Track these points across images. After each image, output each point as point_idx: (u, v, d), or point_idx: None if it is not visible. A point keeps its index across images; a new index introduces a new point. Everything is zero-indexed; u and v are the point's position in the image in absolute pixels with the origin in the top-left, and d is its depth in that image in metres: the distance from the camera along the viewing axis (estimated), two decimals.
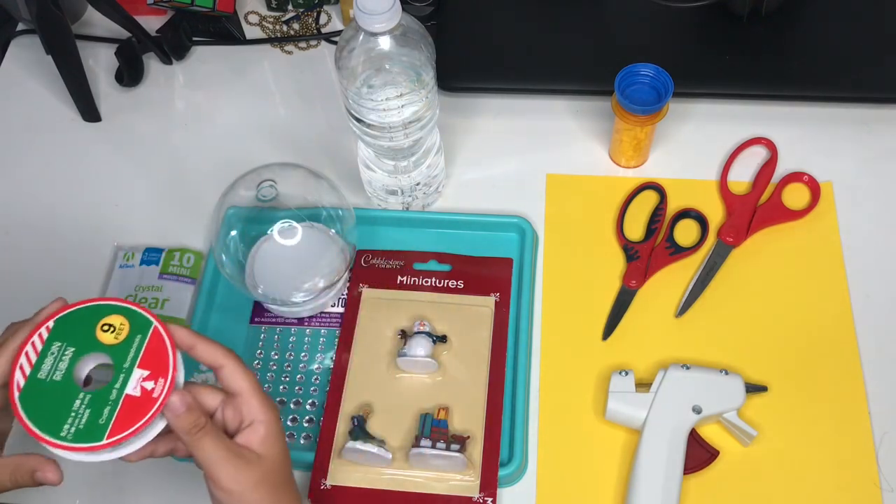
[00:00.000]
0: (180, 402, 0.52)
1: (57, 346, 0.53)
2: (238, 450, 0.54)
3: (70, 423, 0.51)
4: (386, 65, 0.69)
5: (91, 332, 0.53)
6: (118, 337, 0.53)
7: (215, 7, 0.92)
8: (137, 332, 0.53)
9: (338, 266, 0.75)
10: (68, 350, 0.53)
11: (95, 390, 0.52)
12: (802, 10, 0.91)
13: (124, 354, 0.53)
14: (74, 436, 0.51)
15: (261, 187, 0.72)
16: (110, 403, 0.52)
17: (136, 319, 0.54)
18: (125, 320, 0.54)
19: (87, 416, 0.51)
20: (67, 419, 0.51)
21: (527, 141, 0.88)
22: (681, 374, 0.70)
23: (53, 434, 0.51)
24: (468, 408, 0.71)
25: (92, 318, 0.54)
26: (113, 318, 0.54)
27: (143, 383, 0.52)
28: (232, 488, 0.53)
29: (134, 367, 0.53)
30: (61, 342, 0.53)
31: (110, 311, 0.54)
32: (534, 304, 0.77)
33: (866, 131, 0.87)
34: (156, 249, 0.81)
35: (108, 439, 0.51)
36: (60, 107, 0.93)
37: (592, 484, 0.69)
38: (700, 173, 0.85)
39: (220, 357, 0.56)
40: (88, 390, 0.52)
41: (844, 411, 0.71)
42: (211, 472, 0.53)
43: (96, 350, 0.53)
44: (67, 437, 0.51)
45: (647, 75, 0.79)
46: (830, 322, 0.76)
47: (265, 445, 0.55)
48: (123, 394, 0.52)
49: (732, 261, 0.79)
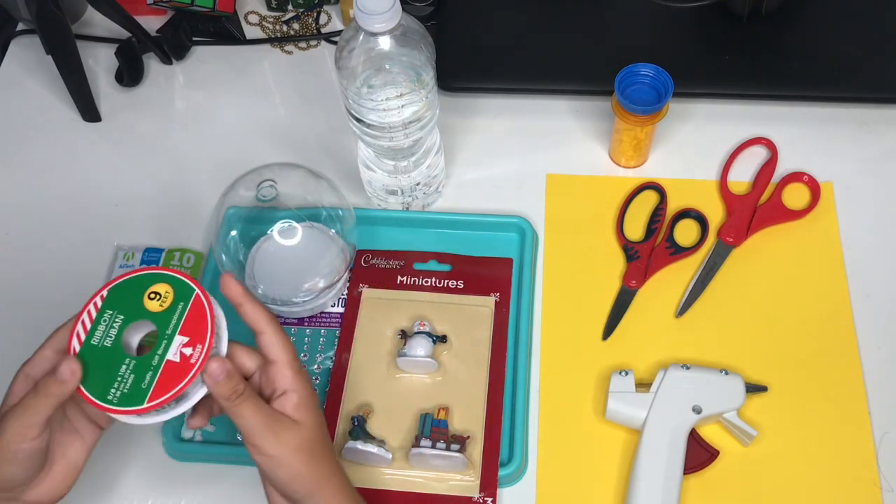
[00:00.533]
0: (220, 370, 0.53)
1: (109, 314, 0.55)
2: (276, 415, 0.55)
3: (116, 388, 0.53)
4: (386, 65, 0.69)
5: (139, 301, 0.55)
6: (163, 305, 0.55)
7: (215, 7, 0.92)
8: (180, 300, 0.55)
9: (338, 266, 0.75)
10: (118, 318, 0.55)
11: (140, 357, 0.54)
12: (802, 10, 0.91)
13: (167, 321, 0.55)
14: (119, 399, 0.53)
15: (261, 187, 0.72)
16: (152, 369, 0.53)
17: (181, 287, 0.55)
18: (170, 288, 0.55)
19: (131, 381, 0.53)
20: (114, 383, 0.53)
21: (527, 141, 0.88)
22: (681, 374, 0.70)
23: (101, 398, 0.53)
24: (468, 408, 0.71)
25: (141, 287, 0.56)
26: (159, 287, 0.55)
27: (182, 349, 0.54)
28: (273, 453, 0.54)
29: (175, 333, 0.54)
30: (112, 310, 0.55)
31: (157, 280, 0.56)
32: (534, 304, 0.77)
33: (866, 131, 0.87)
34: (156, 249, 0.81)
35: (149, 403, 0.53)
36: (60, 107, 0.93)
37: (592, 484, 0.69)
38: (700, 173, 0.85)
39: (263, 322, 0.57)
40: (135, 356, 0.54)
41: (844, 411, 0.71)
42: (252, 438, 0.54)
43: (143, 318, 0.55)
44: (113, 400, 0.53)
45: (647, 75, 0.79)
46: (830, 322, 0.76)
47: (300, 412, 0.56)
48: (164, 359, 0.54)
49: (732, 261, 0.79)
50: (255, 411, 0.54)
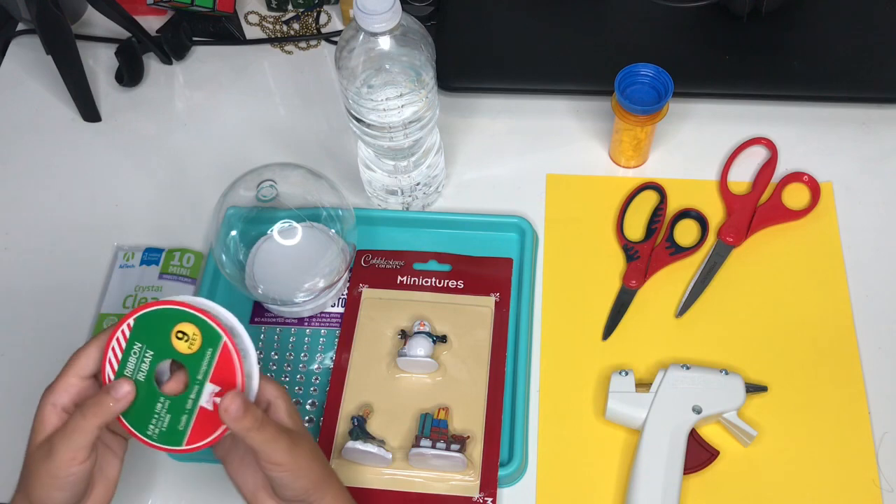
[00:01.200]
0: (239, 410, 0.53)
1: (138, 346, 0.55)
2: (285, 429, 0.55)
3: (154, 424, 0.55)
4: (386, 65, 0.68)
5: (167, 338, 0.55)
6: (192, 347, 0.55)
7: (215, 7, 0.92)
8: (209, 346, 0.55)
9: (338, 266, 0.75)
10: (148, 353, 0.55)
11: (174, 396, 0.55)
12: (802, 10, 0.91)
13: (198, 366, 0.55)
14: (159, 437, 0.55)
15: (261, 187, 0.72)
16: (187, 412, 0.54)
17: (208, 332, 0.55)
18: (197, 331, 0.55)
19: (168, 421, 0.55)
20: (152, 419, 0.55)
21: (527, 141, 0.88)
22: (681, 374, 0.70)
23: (142, 431, 0.55)
24: (468, 408, 0.71)
25: (167, 323, 0.55)
26: (186, 327, 0.55)
27: (214, 398, 0.54)
28: (293, 465, 0.55)
29: (206, 380, 0.54)
30: (141, 343, 0.55)
31: (184, 319, 0.55)
32: (534, 304, 0.77)
33: (866, 131, 0.87)
34: (156, 249, 0.81)
35: (187, 446, 0.55)
36: (60, 107, 0.93)
37: (592, 484, 0.69)
38: (700, 173, 0.85)
39: None
40: (169, 396, 0.55)
41: (844, 411, 0.71)
42: (268, 455, 0.54)
43: (172, 356, 0.55)
44: (153, 436, 0.55)
45: (647, 75, 0.79)
46: (830, 322, 0.76)
47: (293, 418, 0.57)
48: (198, 406, 0.54)
49: (732, 261, 0.79)
50: (274, 433, 0.54)
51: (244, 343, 0.56)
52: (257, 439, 0.53)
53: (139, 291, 0.79)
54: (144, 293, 0.79)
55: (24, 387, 0.60)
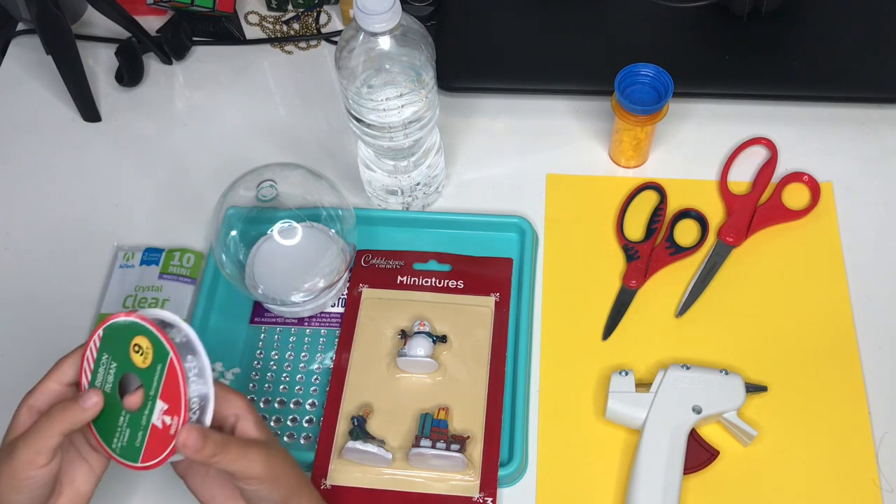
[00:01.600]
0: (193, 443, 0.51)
1: (106, 356, 0.55)
2: (254, 444, 0.55)
3: (118, 438, 0.54)
4: (386, 65, 0.68)
5: (127, 350, 0.54)
6: (145, 361, 0.53)
7: (215, 7, 0.92)
8: (159, 361, 0.53)
9: (338, 266, 0.75)
10: (112, 364, 0.54)
11: (133, 412, 0.54)
12: (802, 10, 0.91)
13: (150, 381, 0.53)
14: (120, 451, 0.54)
15: (261, 187, 0.72)
16: (142, 429, 0.53)
17: (158, 346, 0.53)
18: (150, 344, 0.53)
19: (127, 435, 0.54)
20: (115, 433, 0.54)
21: (527, 141, 0.88)
22: (681, 374, 0.70)
23: (107, 443, 0.55)
24: (468, 408, 0.71)
25: (128, 335, 0.54)
26: (141, 340, 0.53)
27: (163, 416, 0.53)
28: (267, 474, 0.54)
29: (157, 397, 0.53)
30: (108, 354, 0.54)
31: (140, 332, 0.53)
32: (534, 304, 0.77)
33: (866, 131, 0.87)
34: (156, 249, 0.81)
35: (142, 463, 0.53)
36: (60, 107, 0.93)
37: (592, 484, 0.69)
38: (700, 173, 0.85)
39: None
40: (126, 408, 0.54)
41: (844, 411, 0.71)
42: (243, 472, 0.53)
43: (131, 370, 0.54)
44: (116, 450, 0.54)
45: (647, 75, 0.79)
46: (830, 322, 0.76)
47: (261, 429, 0.56)
48: (150, 423, 0.53)
49: (732, 261, 0.79)
50: (241, 450, 0.53)
51: (201, 361, 0.53)
52: (225, 462, 0.52)
53: (139, 291, 0.79)
54: (144, 293, 0.79)
55: (24, 387, 0.60)
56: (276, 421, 0.72)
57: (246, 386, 0.74)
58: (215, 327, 0.77)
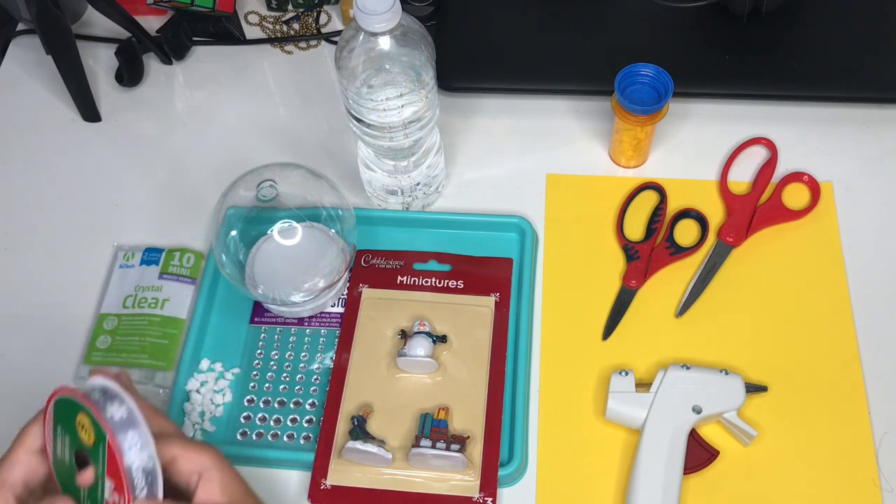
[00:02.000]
0: None
1: (60, 428, 0.53)
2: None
3: None
4: (386, 65, 0.68)
5: (74, 427, 0.52)
6: (89, 439, 0.51)
7: (215, 7, 0.92)
8: (100, 439, 0.51)
9: (338, 266, 0.75)
10: (66, 437, 0.53)
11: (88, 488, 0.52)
12: (802, 10, 0.91)
13: (97, 458, 0.51)
14: None
15: (261, 187, 0.72)
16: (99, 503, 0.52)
17: (96, 425, 0.51)
18: (90, 422, 0.51)
19: None
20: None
21: (527, 141, 0.88)
22: (681, 374, 0.70)
23: None
24: (468, 408, 0.71)
25: (72, 410, 0.52)
26: (82, 417, 0.51)
27: (114, 494, 0.51)
28: None
29: (104, 474, 0.51)
30: (61, 426, 0.53)
31: (80, 409, 0.51)
32: (534, 304, 0.77)
33: (866, 131, 0.87)
34: (156, 249, 0.81)
35: None
36: (60, 107, 0.93)
37: (592, 484, 0.69)
38: (700, 173, 0.85)
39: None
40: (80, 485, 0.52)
41: (844, 411, 0.71)
42: None
43: (80, 447, 0.52)
44: None
45: (647, 75, 0.79)
46: (830, 322, 0.76)
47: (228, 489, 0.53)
48: (104, 500, 0.51)
49: (732, 261, 0.79)
50: None
51: (143, 434, 0.51)
52: None
53: (139, 291, 0.79)
54: (144, 293, 0.79)
55: (24, 386, 0.60)
56: (276, 421, 0.72)
57: (246, 386, 0.74)
58: (215, 327, 0.77)
